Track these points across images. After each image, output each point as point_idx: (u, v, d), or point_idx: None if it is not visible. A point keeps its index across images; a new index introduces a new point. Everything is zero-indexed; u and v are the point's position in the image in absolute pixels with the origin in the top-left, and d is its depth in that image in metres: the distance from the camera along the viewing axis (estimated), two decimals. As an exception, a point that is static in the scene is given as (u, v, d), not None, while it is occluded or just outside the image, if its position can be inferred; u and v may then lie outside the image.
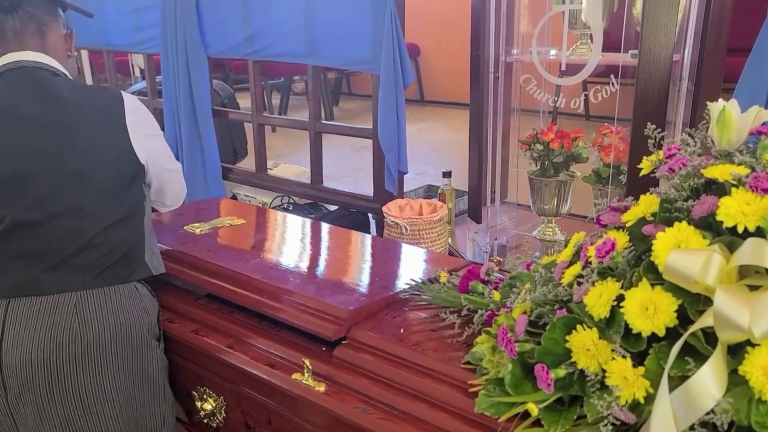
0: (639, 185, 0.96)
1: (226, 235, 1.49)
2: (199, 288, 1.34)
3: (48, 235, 1.11)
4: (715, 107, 0.80)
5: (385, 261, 1.38)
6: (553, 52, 1.83)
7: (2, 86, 1.15)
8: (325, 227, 1.60)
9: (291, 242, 1.50)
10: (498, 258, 1.35)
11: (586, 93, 1.72)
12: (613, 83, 1.66)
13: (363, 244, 1.49)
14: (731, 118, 0.79)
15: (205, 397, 1.22)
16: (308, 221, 1.65)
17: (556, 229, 1.95)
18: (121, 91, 1.25)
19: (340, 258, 1.38)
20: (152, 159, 1.25)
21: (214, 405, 1.21)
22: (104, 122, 1.17)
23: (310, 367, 1.03)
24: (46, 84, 1.15)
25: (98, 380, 1.13)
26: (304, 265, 1.33)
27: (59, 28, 1.24)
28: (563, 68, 1.75)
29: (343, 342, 1.08)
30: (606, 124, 1.80)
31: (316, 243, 1.52)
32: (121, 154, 1.18)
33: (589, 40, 1.77)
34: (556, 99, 1.79)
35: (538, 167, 1.88)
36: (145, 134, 1.23)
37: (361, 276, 1.30)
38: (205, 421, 1.23)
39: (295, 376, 1.05)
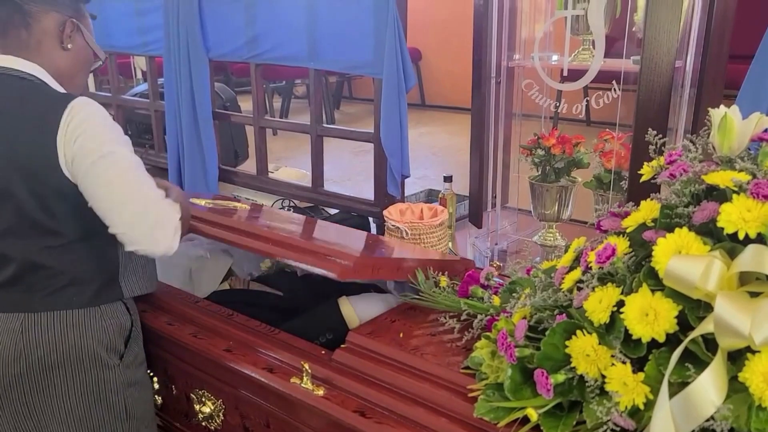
0: (640, 191, 0.96)
1: (232, 213, 1.46)
2: (210, 236, 1.29)
3: None
4: (717, 113, 0.80)
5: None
6: (555, 57, 1.83)
7: None
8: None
9: (296, 218, 1.47)
10: (498, 263, 1.35)
11: (588, 99, 1.72)
12: (614, 89, 1.66)
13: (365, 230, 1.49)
14: (732, 125, 0.79)
15: (203, 400, 1.22)
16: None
17: (557, 234, 1.94)
18: (75, 99, 1.08)
19: (345, 231, 1.34)
20: (77, 160, 1.06)
21: (212, 408, 1.21)
22: (35, 140, 1.05)
23: (309, 370, 1.03)
24: None
25: (46, 400, 1.11)
26: (311, 232, 1.32)
27: (54, 18, 1.14)
28: (565, 74, 1.75)
29: (342, 346, 1.08)
30: (607, 129, 1.80)
31: (321, 223, 1.51)
32: (51, 179, 1.06)
33: (591, 46, 1.77)
34: (557, 104, 1.79)
35: (539, 172, 1.88)
36: (84, 155, 1.05)
37: (366, 243, 1.30)
38: (203, 424, 1.23)
39: (294, 379, 1.05)
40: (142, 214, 1.07)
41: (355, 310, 1.29)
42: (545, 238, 1.95)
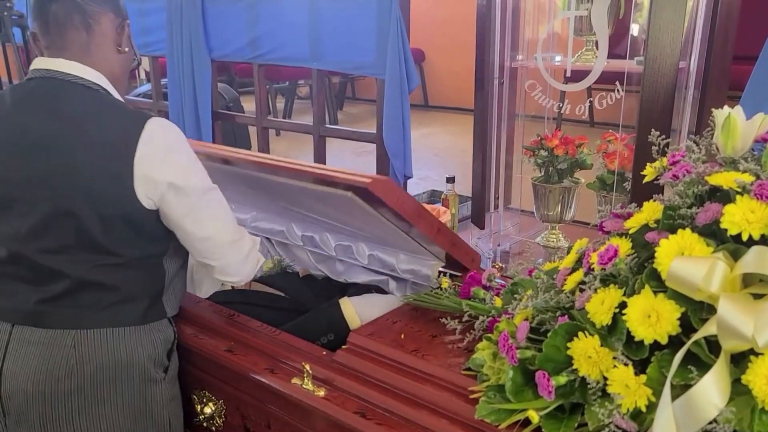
0: (643, 192, 0.96)
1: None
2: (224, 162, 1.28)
3: (40, 269, 1.06)
4: (720, 114, 0.80)
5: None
6: (558, 58, 1.83)
7: (18, 98, 1.08)
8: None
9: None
10: (500, 264, 1.35)
11: (591, 99, 1.71)
12: (618, 90, 1.66)
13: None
14: (736, 125, 0.79)
15: (204, 400, 1.22)
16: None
17: (560, 235, 1.94)
18: (151, 119, 1.06)
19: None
20: (172, 211, 1.07)
21: (213, 409, 1.20)
22: (106, 159, 1.03)
23: (310, 371, 1.03)
24: (64, 103, 1.06)
25: (93, 418, 1.09)
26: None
27: (111, 20, 1.12)
28: (568, 74, 1.74)
29: (344, 347, 1.07)
30: (611, 130, 1.79)
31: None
32: (120, 199, 1.04)
33: (594, 47, 1.76)
34: (560, 105, 1.78)
35: (542, 173, 1.87)
36: (164, 181, 1.05)
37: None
38: (204, 425, 1.22)
39: (295, 380, 1.04)
40: (237, 249, 1.18)
41: (357, 311, 1.29)
42: (548, 240, 1.95)
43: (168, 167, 1.05)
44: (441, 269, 1.32)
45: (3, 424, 1.10)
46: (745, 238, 0.70)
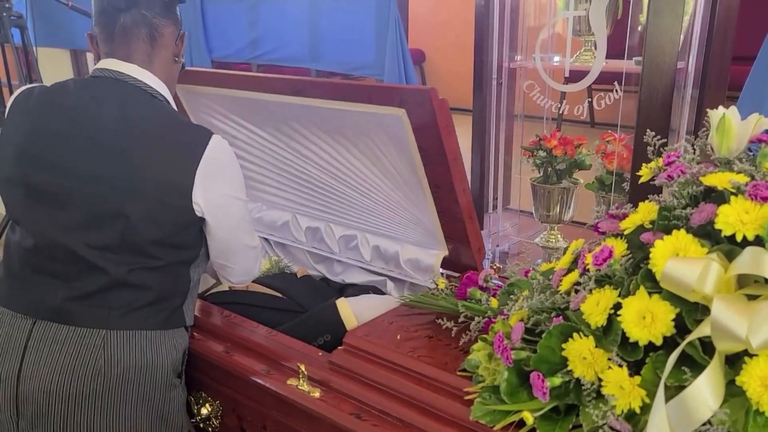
0: (641, 193, 0.95)
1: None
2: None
3: (79, 262, 1.06)
4: (715, 114, 0.80)
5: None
6: (556, 58, 1.82)
7: (87, 94, 1.09)
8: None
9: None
10: (498, 265, 1.34)
11: (590, 100, 1.71)
12: (616, 90, 1.65)
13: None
14: (731, 126, 0.78)
15: (201, 401, 1.22)
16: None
17: (559, 236, 1.93)
18: (213, 135, 1.10)
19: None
20: (219, 221, 1.12)
21: (210, 410, 1.20)
22: (169, 167, 1.06)
23: (306, 372, 1.03)
24: (132, 107, 1.09)
25: (113, 420, 1.08)
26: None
27: (173, 32, 1.16)
28: (567, 74, 1.74)
29: (339, 348, 1.07)
30: (609, 131, 1.79)
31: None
32: (176, 205, 1.07)
33: (593, 47, 1.76)
34: (559, 105, 1.78)
35: (541, 174, 1.87)
36: (220, 193, 1.10)
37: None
38: (201, 425, 1.22)
39: (291, 381, 1.04)
40: (257, 255, 1.27)
41: (354, 312, 1.29)
42: (547, 240, 1.94)
43: (224, 181, 1.12)
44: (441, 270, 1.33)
45: (14, 426, 1.08)
46: (739, 238, 0.69)
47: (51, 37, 2.83)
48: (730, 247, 0.71)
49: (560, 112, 1.82)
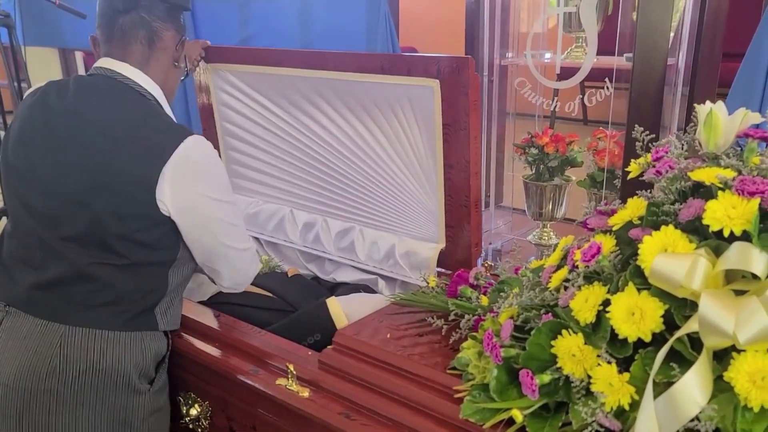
0: (632, 189, 0.95)
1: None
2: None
3: (45, 250, 1.07)
4: (703, 110, 0.79)
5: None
6: (547, 55, 1.82)
7: (78, 88, 1.12)
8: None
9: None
10: (489, 262, 1.34)
11: (581, 96, 1.71)
12: (607, 87, 1.65)
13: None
14: (718, 121, 0.78)
15: (190, 402, 1.21)
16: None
17: (552, 233, 1.93)
18: (192, 136, 1.09)
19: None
20: (190, 222, 1.10)
21: (199, 411, 1.19)
22: (136, 162, 1.05)
23: (294, 372, 1.02)
24: (115, 101, 1.10)
25: (70, 420, 1.07)
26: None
27: (173, 36, 1.17)
28: (557, 71, 1.74)
29: (329, 347, 1.07)
30: (602, 128, 1.78)
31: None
32: (140, 201, 1.06)
33: (584, 44, 1.76)
34: (550, 102, 1.78)
35: (533, 171, 1.87)
36: (191, 192, 1.08)
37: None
38: (190, 426, 1.22)
39: (280, 381, 1.04)
40: (250, 259, 1.24)
41: (344, 311, 1.28)
42: (540, 238, 1.94)
43: (196, 180, 1.09)
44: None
45: None
46: (726, 234, 0.69)
47: (39, 36, 2.81)
48: (717, 242, 0.71)
49: (553, 109, 1.81)
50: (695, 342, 0.69)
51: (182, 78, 1.27)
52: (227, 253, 1.18)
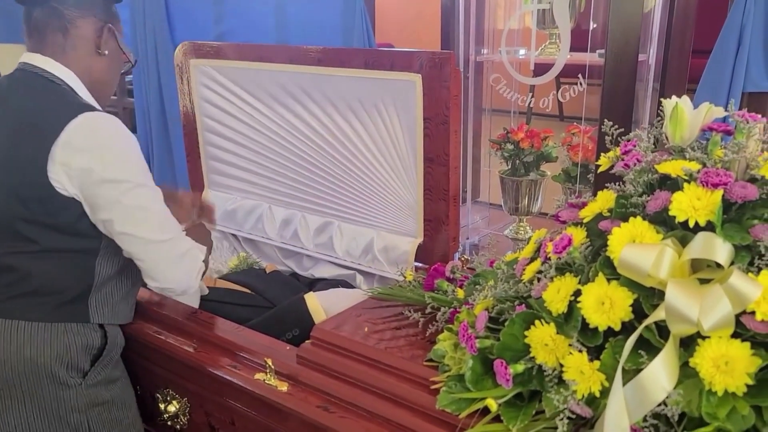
0: (605, 183, 0.97)
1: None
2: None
3: None
4: (669, 104, 0.81)
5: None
6: (522, 51, 1.84)
7: (1, 88, 1.14)
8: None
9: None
10: (466, 256, 1.35)
11: (554, 93, 1.73)
12: (580, 83, 1.68)
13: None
14: (684, 115, 0.80)
15: (168, 399, 1.20)
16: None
17: (528, 227, 1.96)
18: (88, 113, 1.06)
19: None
20: (91, 202, 1.06)
21: (177, 407, 1.19)
22: (28, 142, 1.05)
23: (273, 366, 1.02)
24: (18, 90, 1.12)
25: (5, 416, 1.07)
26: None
27: (91, 23, 1.14)
28: (532, 67, 1.76)
29: (307, 341, 1.07)
30: (575, 123, 1.81)
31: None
32: (35, 182, 1.03)
33: (557, 40, 1.78)
34: (524, 99, 1.80)
35: (509, 166, 1.89)
36: (84, 169, 1.03)
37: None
38: (169, 423, 1.21)
39: (258, 376, 1.04)
40: (166, 250, 1.12)
41: (322, 306, 1.29)
42: (516, 232, 1.96)
43: (92, 157, 1.04)
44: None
45: None
46: (692, 224, 0.71)
47: (11, 32, 2.76)
48: (683, 232, 0.73)
49: (529, 105, 1.84)
50: (663, 330, 0.72)
51: (123, 70, 1.24)
52: (133, 243, 1.09)
